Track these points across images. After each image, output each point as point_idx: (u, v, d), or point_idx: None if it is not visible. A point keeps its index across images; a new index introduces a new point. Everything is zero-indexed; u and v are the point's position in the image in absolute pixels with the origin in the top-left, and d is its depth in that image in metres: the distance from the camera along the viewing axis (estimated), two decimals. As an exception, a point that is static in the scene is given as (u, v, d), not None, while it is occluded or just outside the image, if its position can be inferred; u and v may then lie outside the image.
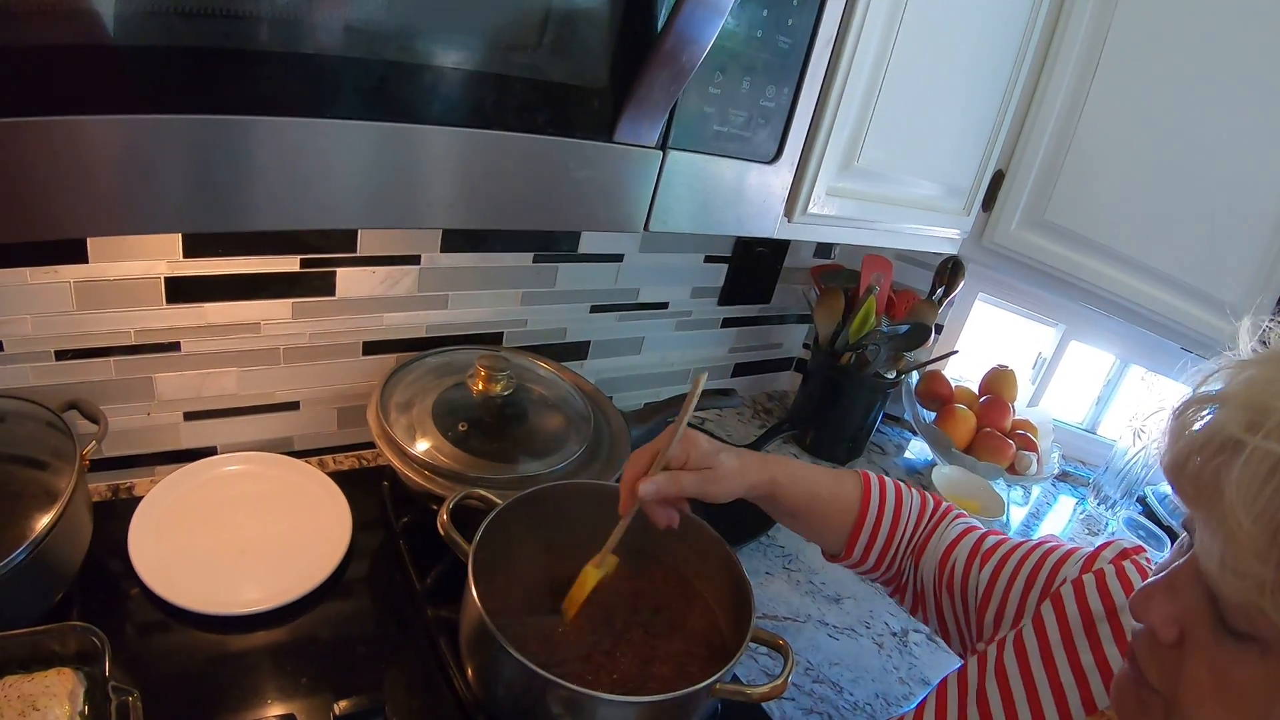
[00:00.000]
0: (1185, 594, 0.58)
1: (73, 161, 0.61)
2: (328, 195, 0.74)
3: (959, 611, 1.03)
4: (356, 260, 1.34)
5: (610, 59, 0.82)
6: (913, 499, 1.11)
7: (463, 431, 1.25)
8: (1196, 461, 0.56)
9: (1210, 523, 0.54)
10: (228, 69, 0.64)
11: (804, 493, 1.06)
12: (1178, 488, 0.59)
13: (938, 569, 1.05)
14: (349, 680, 1.08)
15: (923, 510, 1.11)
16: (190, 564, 1.17)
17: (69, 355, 1.18)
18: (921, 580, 1.08)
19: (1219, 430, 0.55)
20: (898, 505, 1.09)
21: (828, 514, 1.08)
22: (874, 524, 1.08)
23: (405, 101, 0.73)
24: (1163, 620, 0.59)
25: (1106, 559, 0.89)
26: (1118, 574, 0.86)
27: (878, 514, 1.08)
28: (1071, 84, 1.44)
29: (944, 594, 1.04)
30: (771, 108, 1.00)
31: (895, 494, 1.10)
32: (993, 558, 0.99)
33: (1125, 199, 1.46)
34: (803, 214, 1.18)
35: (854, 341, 1.87)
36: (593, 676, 1.02)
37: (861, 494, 1.09)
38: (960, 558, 1.02)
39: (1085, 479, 2.22)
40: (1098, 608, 0.84)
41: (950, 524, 1.08)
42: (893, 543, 1.09)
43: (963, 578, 1.01)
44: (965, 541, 1.04)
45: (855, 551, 1.09)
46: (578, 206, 0.90)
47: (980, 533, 1.05)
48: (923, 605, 1.10)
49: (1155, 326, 1.52)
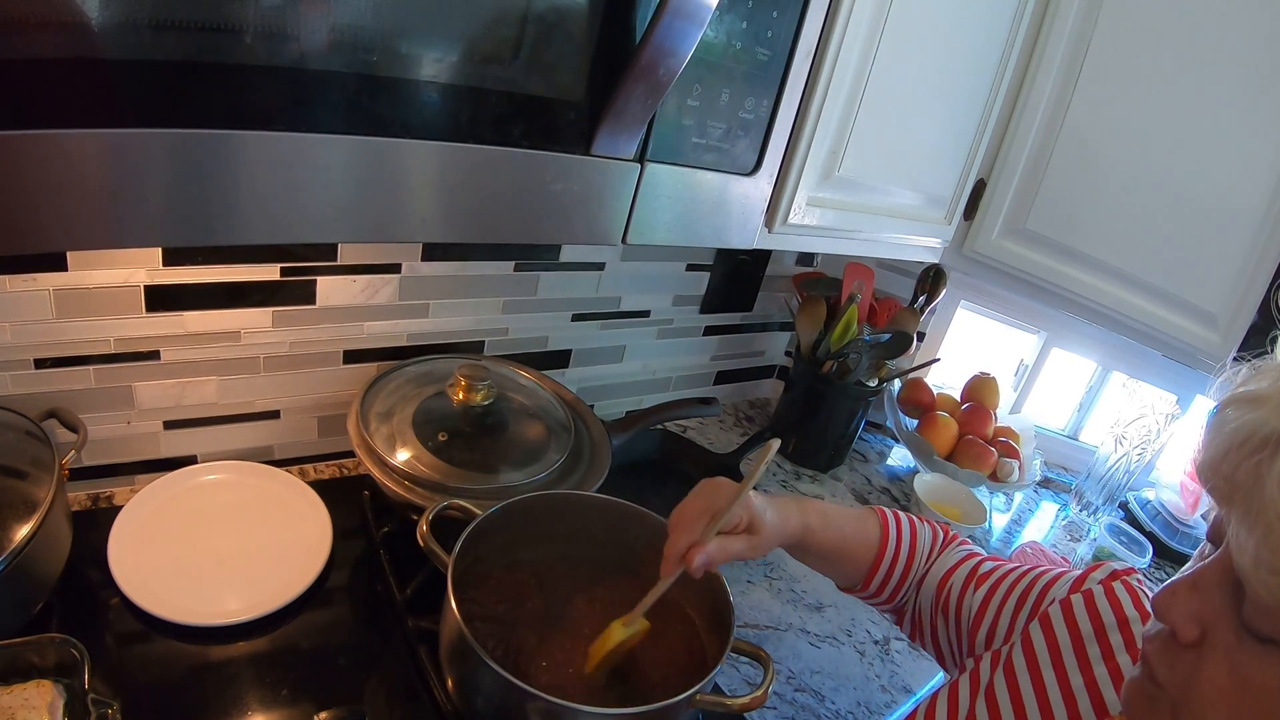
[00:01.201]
0: (1210, 594, 0.59)
1: (57, 175, 0.61)
2: (308, 209, 0.74)
3: (952, 635, 1.04)
4: (337, 269, 1.34)
5: (587, 71, 0.82)
6: (925, 535, 1.13)
7: (443, 441, 1.25)
8: (1234, 459, 0.56)
9: (1247, 520, 0.55)
10: (208, 83, 0.64)
11: (833, 536, 1.07)
12: (1213, 487, 0.59)
13: (935, 594, 1.07)
14: (329, 691, 1.08)
15: (933, 543, 1.13)
16: (170, 574, 1.16)
17: (48, 364, 1.18)
18: (920, 606, 1.10)
19: (1260, 427, 0.56)
20: (913, 542, 1.11)
21: (853, 553, 1.10)
22: (891, 561, 1.10)
23: (382, 115, 0.73)
24: (1185, 618, 0.59)
25: (1096, 580, 0.89)
26: (1106, 594, 0.86)
27: (894, 551, 1.10)
28: (1053, 94, 1.46)
29: (939, 618, 1.06)
30: (751, 119, 1.00)
31: (910, 532, 1.12)
32: (986, 582, 1.01)
33: (1106, 207, 1.47)
34: (783, 224, 1.18)
35: (836, 349, 1.87)
36: (572, 688, 1.01)
37: (881, 532, 1.11)
38: (956, 583, 1.04)
39: (1067, 485, 2.23)
40: (1086, 628, 0.84)
41: (952, 550, 1.11)
42: (906, 577, 1.11)
43: (958, 602, 1.03)
44: (962, 568, 1.06)
45: (872, 586, 1.11)
46: (556, 219, 0.90)
47: (978, 559, 1.07)
48: (919, 630, 1.12)
49: (1135, 333, 1.53)
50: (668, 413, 1.55)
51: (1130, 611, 0.84)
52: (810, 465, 2.01)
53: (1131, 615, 0.83)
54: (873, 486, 2.02)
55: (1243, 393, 0.59)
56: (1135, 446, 1.95)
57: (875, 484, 2.03)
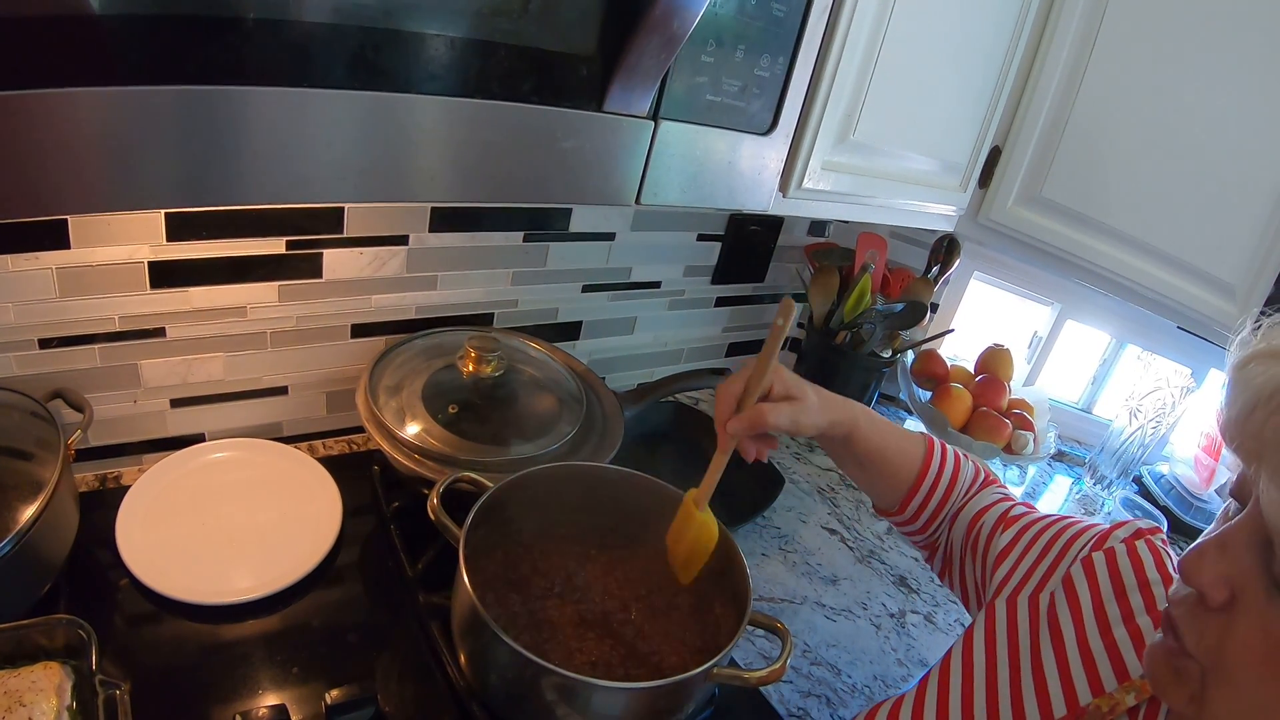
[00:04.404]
0: (1239, 554, 0.58)
1: (58, 136, 0.59)
2: (315, 168, 0.72)
3: (978, 575, 1.03)
4: (343, 241, 1.32)
5: (599, 25, 0.80)
6: (968, 469, 1.12)
7: (453, 414, 1.23)
8: (1261, 415, 0.56)
9: (1277, 474, 0.54)
10: (211, 37, 0.62)
11: (878, 440, 1.06)
12: (1239, 445, 0.59)
13: (965, 532, 1.06)
14: (341, 668, 1.07)
15: (974, 479, 1.12)
16: (179, 553, 1.15)
17: (52, 343, 1.16)
18: (952, 543, 1.09)
19: None
20: (955, 473, 1.10)
21: (894, 467, 1.09)
22: (930, 487, 1.09)
23: (390, 70, 0.71)
24: (1213, 580, 0.58)
25: (1119, 538, 0.88)
26: (1129, 553, 0.85)
27: (935, 478, 1.09)
28: (1069, 58, 1.43)
29: (968, 557, 1.05)
30: (766, 77, 0.98)
31: (955, 463, 1.11)
32: (1014, 525, 1.00)
33: (1123, 175, 1.45)
34: (798, 188, 1.16)
35: (849, 320, 1.85)
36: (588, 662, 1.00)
37: (925, 455, 1.09)
38: (987, 524, 1.03)
39: (1081, 459, 2.21)
40: (1107, 589, 0.83)
41: (989, 491, 1.10)
42: (943, 509, 1.10)
43: (986, 542, 1.02)
44: (995, 509, 1.04)
45: (909, 510, 1.10)
46: (567, 179, 0.88)
47: (1011, 503, 1.05)
48: (949, 568, 1.12)
49: (1151, 304, 1.51)
50: (681, 384, 1.53)
51: (1152, 574, 0.83)
52: (824, 438, 1.98)
53: (1154, 578, 0.82)
54: (887, 460, 2.00)
55: (1265, 348, 0.59)
56: (1150, 420, 1.92)
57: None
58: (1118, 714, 0.74)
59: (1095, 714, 0.74)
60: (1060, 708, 0.78)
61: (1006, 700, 0.81)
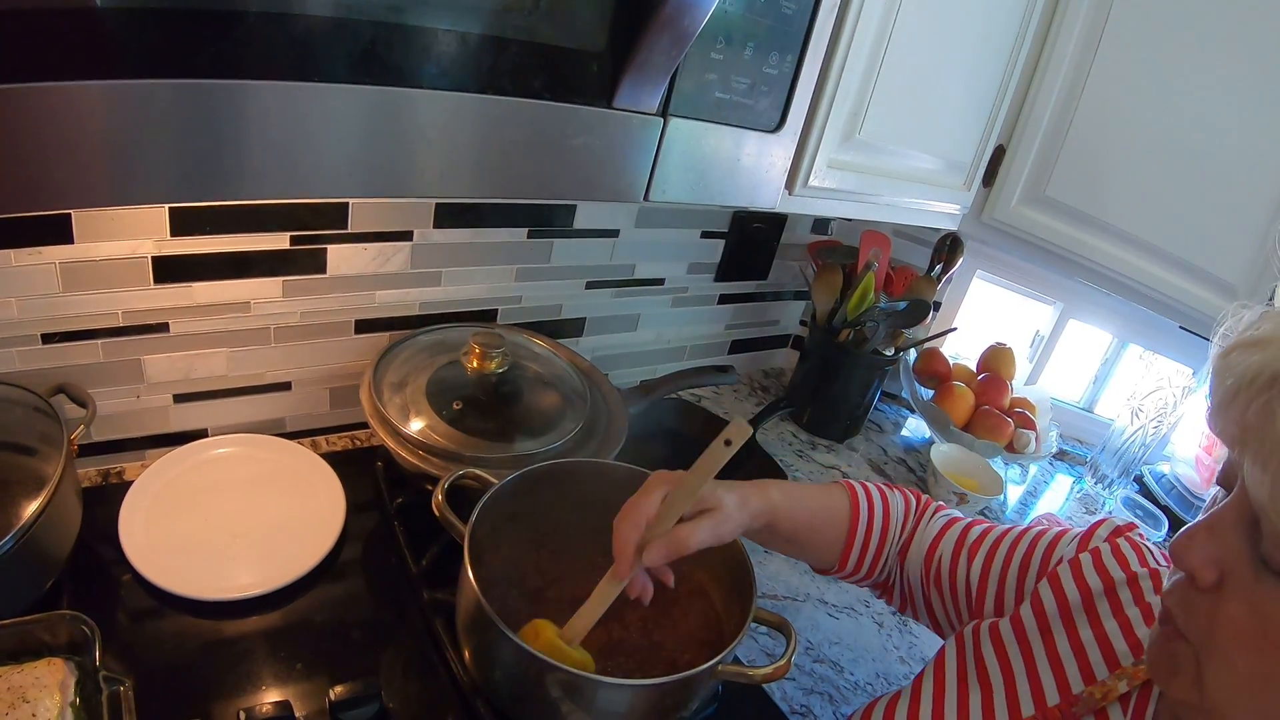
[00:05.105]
0: (1227, 536, 0.59)
1: (61, 130, 0.59)
2: (321, 163, 0.72)
3: (949, 605, 1.03)
4: (348, 237, 1.32)
5: (609, 22, 0.80)
6: (897, 502, 1.11)
7: (457, 410, 1.23)
8: (1244, 400, 0.57)
9: (1260, 457, 0.56)
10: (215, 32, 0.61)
11: (802, 515, 1.03)
12: (1223, 431, 0.60)
13: (923, 566, 1.05)
14: (344, 665, 1.07)
15: (906, 511, 1.11)
16: (182, 549, 1.15)
17: (55, 338, 1.16)
18: (908, 579, 1.08)
19: (1266, 366, 0.57)
20: (886, 513, 1.09)
21: (822, 533, 1.06)
22: (864, 536, 1.07)
23: (398, 65, 0.71)
24: (1202, 561, 0.60)
25: (1101, 537, 0.89)
26: (1113, 551, 0.87)
27: (868, 526, 1.07)
28: (1074, 58, 1.43)
29: (932, 590, 1.04)
30: (774, 75, 0.98)
31: (882, 501, 1.09)
32: (980, 549, 1.00)
33: (1126, 175, 1.45)
34: (804, 186, 1.17)
35: (852, 318, 1.85)
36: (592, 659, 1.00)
37: (850, 507, 1.07)
38: (946, 552, 1.03)
39: (1082, 458, 2.21)
40: (1096, 585, 0.85)
41: (931, 519, 1.08)
42: (883, 550, 1.08)
43: (950, 572, 1.01)
44: (949, 535, 1.04)
45: (849, 564, 1.08)
46: (576, 176, 0.88)
47: (963, 524, 1.05)
48: (911, 603, 1.10)
49: (1154, 304, 1.52)
50: (684, 380, 1.53)
51: (1136, 568, 0.84)
52: (825, 435, 1.99)
53: (1139, 571, 0.84)
54: (889, 457, 2.00)
55: (1247, 337, 0.60)
56: (1151, 420, 1.92)
57: (891, 454, 2.01)
58: (1110, 700, 0.75)
59: (1088, 701, 0.76)
60: (1053, 696, 0.79)
61: (1000, 692, 0.83)
